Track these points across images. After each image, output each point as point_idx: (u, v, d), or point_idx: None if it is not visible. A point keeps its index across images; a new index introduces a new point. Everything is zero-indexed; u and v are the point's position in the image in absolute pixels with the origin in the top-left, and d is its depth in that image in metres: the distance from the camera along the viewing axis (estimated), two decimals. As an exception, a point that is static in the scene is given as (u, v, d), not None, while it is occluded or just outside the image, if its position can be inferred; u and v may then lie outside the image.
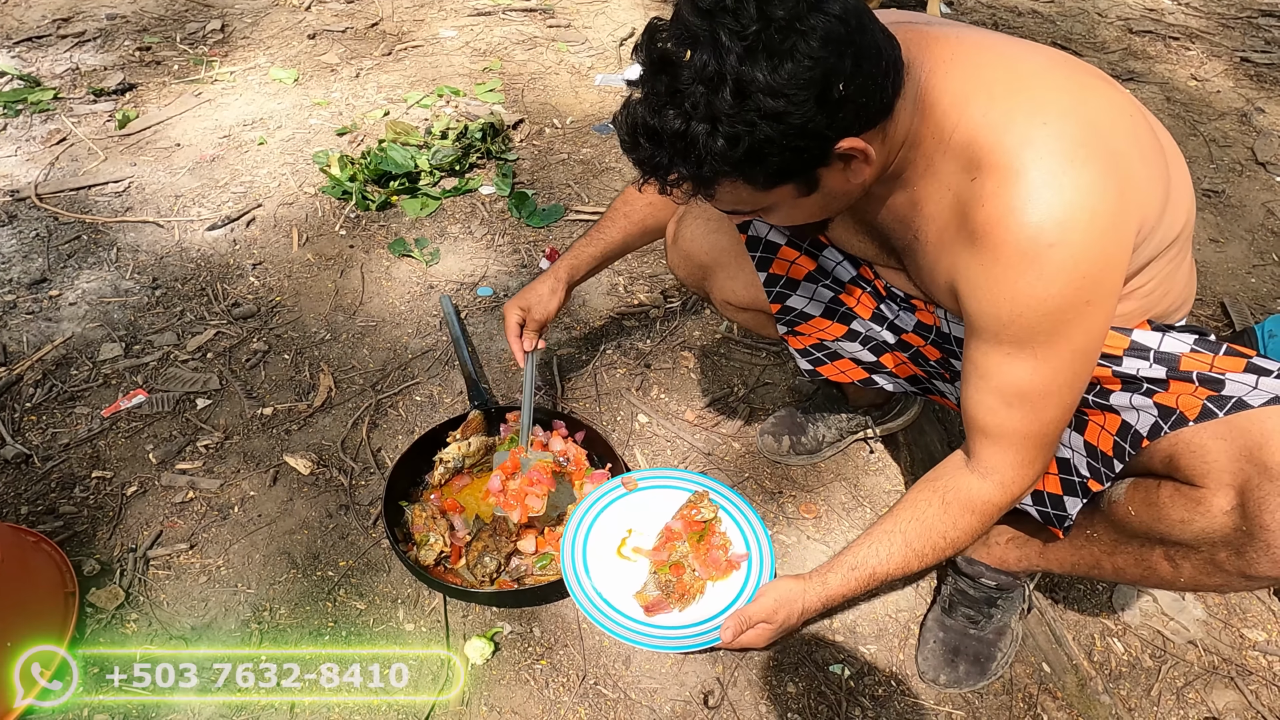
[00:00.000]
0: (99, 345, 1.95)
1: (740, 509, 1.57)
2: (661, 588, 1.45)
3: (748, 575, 1.48)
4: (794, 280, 1.40)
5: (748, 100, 0.84)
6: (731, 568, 1.48)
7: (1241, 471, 0.97)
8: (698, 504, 1.56)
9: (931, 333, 1.29)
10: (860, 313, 1.38)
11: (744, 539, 1.53)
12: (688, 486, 1.61)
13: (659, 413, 1.88)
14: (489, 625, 1.49)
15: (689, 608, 1.44)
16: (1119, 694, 1.43)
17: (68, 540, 1.57)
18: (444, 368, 1.96)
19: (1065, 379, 1.01)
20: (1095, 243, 0.91)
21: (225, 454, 1.74)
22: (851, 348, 1.44)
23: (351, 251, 2.27)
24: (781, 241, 1.38)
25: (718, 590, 1.46)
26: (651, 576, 1.48)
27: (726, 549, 1.51)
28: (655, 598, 1.44)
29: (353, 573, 1.55)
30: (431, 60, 3.21)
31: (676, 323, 2.11)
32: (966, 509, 1.14)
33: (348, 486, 1.69)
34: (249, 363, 1.94)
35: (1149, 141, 0.99)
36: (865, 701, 1.41)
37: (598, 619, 1.40)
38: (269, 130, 2.73)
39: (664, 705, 1.39)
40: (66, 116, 2.75)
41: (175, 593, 1.51)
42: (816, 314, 1.43)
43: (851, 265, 1.36)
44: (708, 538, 1.52)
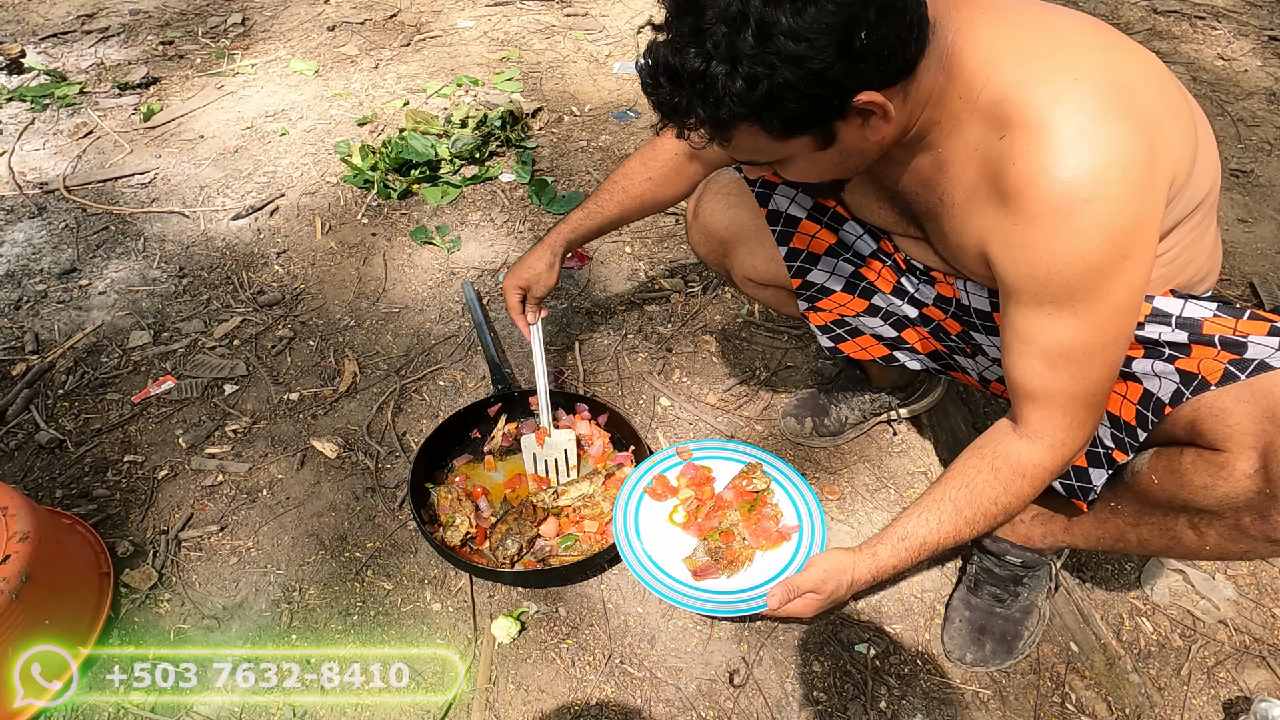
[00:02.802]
0: (128, 333, 1.98)
1: (794, 482, 1.56)
2: (710, 554, 1.45)
3: (797, 546, 1.47)
4: (815, 254, 1.40)
5: (769, 42, 0.84)
6: (782, 539, 1.48)
7: (1264, 433, 0.96)
8: (751, 475, 1.56)
9: (951, 305, 1.28)
10: (881, 286, 1.38)
11: (796, 511, 1.52)
12: (742, 458, 1.61)
13: (681, 396, 1.88)
14: (515, 605, 1.50)
15: (737, 575, 1.43)
16: (1148, 673, 1.41)
17: (101, 523, 1.60)
18: (467, 353, 1.97)
19: (1109, 336, 1.00)
20: (1131, 197, 0.90)
21: (253, 438, 1.76)
22: (873, 323, 1.43)
23: (374, 239, 2.28)
24: (802, 215, 1.38)
25: (767, 560, 1.46)
26: (701, 543, 1.48)
27: (777, 520, 1.51)
28: (704, 563, 1.44)
29: (380, 554, 1.57)
30: (450, 50, 3.22)
31: (697, 306, 2.11)
32: (1017, 474, 1.12)
33: (374, 470, 1.71)
34: (275, 349, 1.96)
35: (1179, 100, 0.98)
36: (891, 680, 1.41)
37: (647, 579, 1.41)
38: (290, 121, 2.75)
39: (689, 684, 1.40)
40: (92, 110, 2.79)
41: (207, 573, 1.53)
42: (837, 289, 1.42)
43: (872, 239, 1.35)
44: (759, 508, 1.52)
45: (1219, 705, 1.38)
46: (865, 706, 1.37)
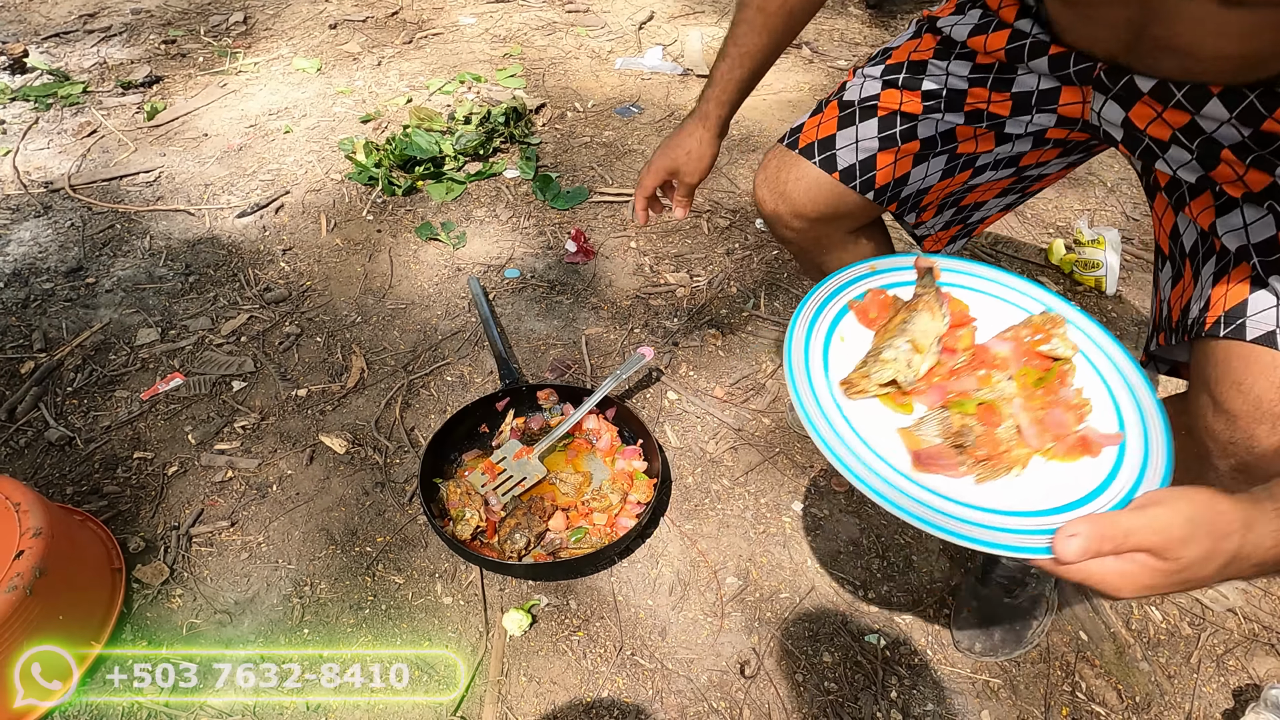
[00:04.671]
0: (136, 330, 1.98)
1: (1120, 368, 0.95)
2: (948, 434, 0.87)
3: (1118, 464, 0.84)
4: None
5: None
6: (1085, 450, 0.86)
7: None
8: (1049, 329, 0.96)
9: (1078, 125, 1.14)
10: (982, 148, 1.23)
11: (1118, 412, 0.90)
12: (1030, 304, 1.03)
13: (688, 389, 1.89)
14: (525, 598, 1.50)
15: (990, 480, 0.84)
16: (1158, 661, 1.42)
17: (112, 519, 1.60)
18: (473, 348, 1.97)
19: None
20: None
21: (262, 434, 1.77)
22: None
23: (379, 236, 2.29)
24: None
25: (1051, 474, 0.85)
26: (936, 413, 0.89)
27: (1081, 415, 0.90)
28: (934, 447, 0.86)
29: (390, 548, 1.58)
30: (452, 47, 3.22)
31: (703, 301, 2.11)
32: None
33: (383, 465, 1.71)
34: (282, 346, 1.96)
35: None
36: (901, 670, 1.42)
37: (836, 453, 0.82)
38: (294, 119, 2.75)
39: (700, 675, 1.41)
40: (96, 109, 2.79)
41: (218, 568, 1.54)
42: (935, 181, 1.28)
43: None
44: (1052, 384, 0.93)
45: (1229, 693, 1.38)
46: (876, 696, 1.38)
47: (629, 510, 1.59)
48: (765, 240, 2.30)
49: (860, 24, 3.49)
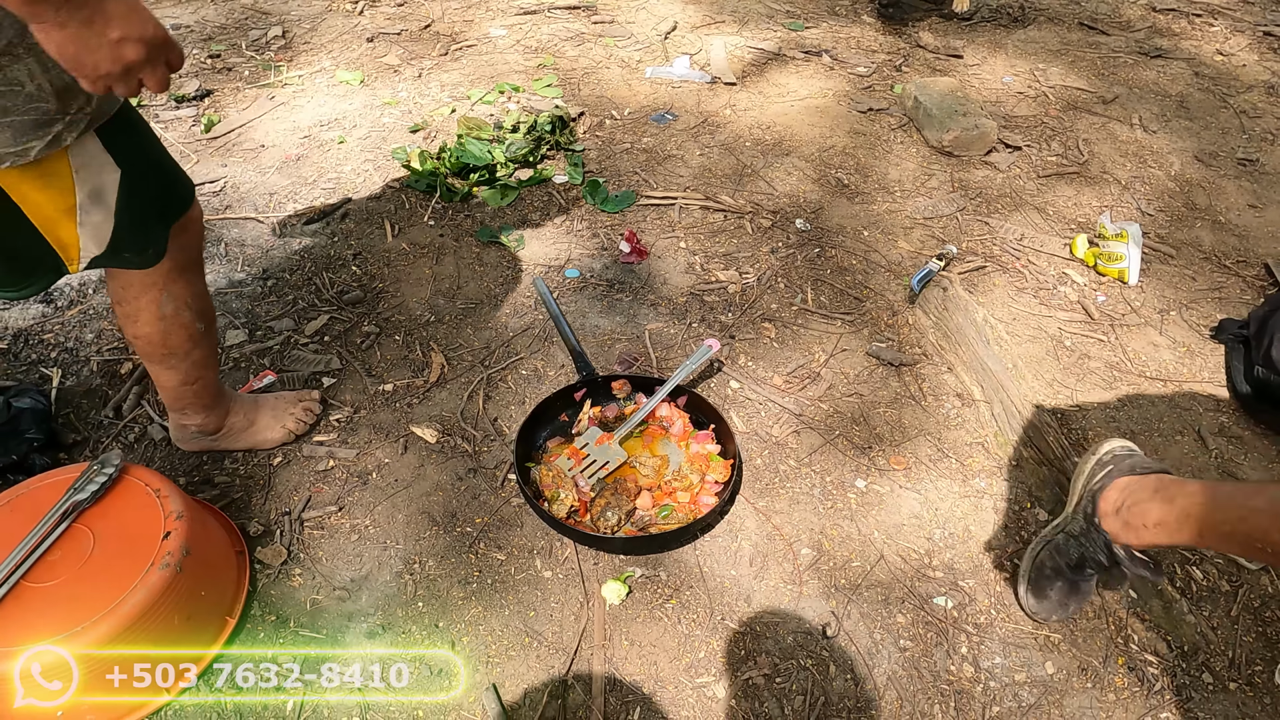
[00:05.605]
0: (224, 332, 2.09)
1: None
2: None
3: None
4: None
5: None
6: None
7: None
8: None
9: None
10: None
11: None
12: None
13: (749, 379, 2.02)
14: (619, 571, 1.63)
15: None
16: (1201, 615, 1.56)
17: (226, 507, 1.71)
18: (543, 344, 2.10)
19: None
20: None
21: (356, 426, 1.88)
22: None
23: (442, 240, 2.41)
24: None
25: None
26: None
27: None
28: None
29: (489, 528, 1.70)
30: (487, 59, 3.35)
31: (754, 296, 2.24)
32: None
33: (473, 452, 1.83)
34: (363, 344, 2.08)
35: None
36: (969, 628, 1.55)
37: None
38: (346, 129, 2.87)
39: (786, 636, 1.54)
40: (154, 123, 2.89)
41: (331, 549, 1.65)
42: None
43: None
44: None
45: (1267, 642, 1.53)
46: (949, 651, 1.52)
47: (708, 489, 1.72)
48: (806, 239, 2.44)
49: (875, 31, 3.64)
